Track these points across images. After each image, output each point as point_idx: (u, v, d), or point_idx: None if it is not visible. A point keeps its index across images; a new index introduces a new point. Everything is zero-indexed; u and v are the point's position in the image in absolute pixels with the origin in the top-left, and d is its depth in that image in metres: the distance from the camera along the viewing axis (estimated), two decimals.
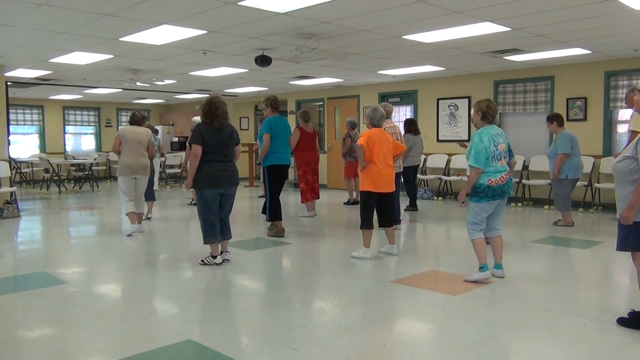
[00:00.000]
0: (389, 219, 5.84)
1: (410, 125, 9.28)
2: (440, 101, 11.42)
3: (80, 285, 4.83)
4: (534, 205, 9.87)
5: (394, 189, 5.79)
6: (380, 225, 5.86)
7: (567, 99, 9.52)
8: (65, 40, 7.18)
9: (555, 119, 7.60)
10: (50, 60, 8.86)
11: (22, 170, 14.82)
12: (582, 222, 7.98)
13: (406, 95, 12.21)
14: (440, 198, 11.00)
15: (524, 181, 9.88)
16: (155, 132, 11.68)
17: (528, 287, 4.60)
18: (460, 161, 10.63)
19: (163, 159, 13.92)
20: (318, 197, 8.77)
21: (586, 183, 8.97)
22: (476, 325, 3.67)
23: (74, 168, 14.82)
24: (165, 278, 5.21)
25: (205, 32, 6.74)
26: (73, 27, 6.46)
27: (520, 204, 9.87)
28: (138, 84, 10.86)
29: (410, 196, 9.46)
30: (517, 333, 3.52)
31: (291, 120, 13.35)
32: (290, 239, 6.85)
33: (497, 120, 6.04)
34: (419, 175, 10.29)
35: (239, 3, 5.42)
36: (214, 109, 5.23)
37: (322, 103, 14.08)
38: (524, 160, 10.02)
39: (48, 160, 13.27)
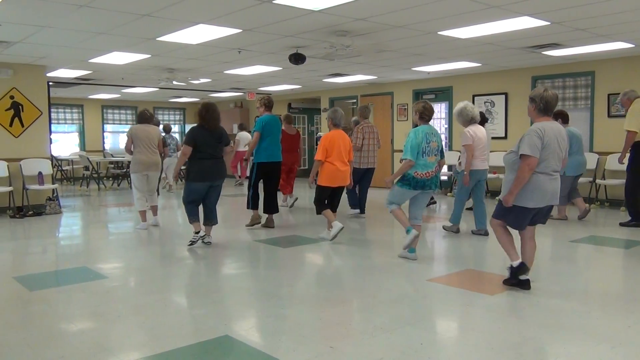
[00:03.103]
0: (335, 207, 6.75)
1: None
2: (476, 97, 11.24)
3: (120, 280, 4.94)
4: None
5: (347, 183, 6.68)
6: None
7: (609, 95, 9.25)
8: (104, 40, 7.34)
9: (559, 116, 7.46)
10: (89, 61, 9.08)
11: (63, 168, 15.23)
12: (613, 221, 7.71)
13: (441, 91, 12.07)
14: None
15: None
16: (169, 130, 12.64)
17: (568, 288, 4.50)
18: (495, 159, 10.45)
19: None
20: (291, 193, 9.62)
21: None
22: (515, 326, 3.60)
23: (112, 166, 15.16)
24: (203, 274, 5.29)
25: (240, 30, 6.79)
26: (112, 28, 6.60)
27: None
28: (174, 83, 11.03)
29: None
30: (557, 334, 3.44)
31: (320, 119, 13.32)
32: (322, 235, 6.83)
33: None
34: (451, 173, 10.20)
35: (273, 1, 5.44)
36: (210, 113, 6.04)
37: (355, 100, 14.03)
38: None
39: (88, 158, 13.61)
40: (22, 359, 3.11)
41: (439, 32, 7.04)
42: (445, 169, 11.50)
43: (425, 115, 5.39)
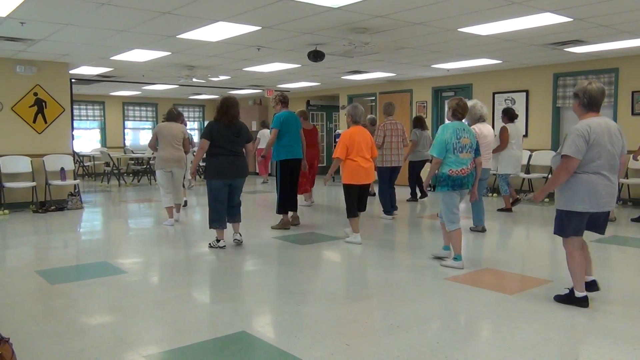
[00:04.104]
0: (363, 206, 6.52)
1: (417, 122, 10.12)
2: (496, 95, 11.12)
3: (139, 275, 5.00)
4: None
5: (372, 180, 6.41)
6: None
7: (633, 92, 9.09)
8: (126, 38, 7.41)
9: None
10: (111, 58, 9.18)
11: (85, 164, 15.44)
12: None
13: (460, 89, 11.96)
14: (495, 194, 10.72)
15: None
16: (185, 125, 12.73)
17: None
18: None
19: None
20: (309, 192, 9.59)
21: None
22: (533, 326, 3.56)
23: (133, 162, 15.32)
24: (221, 270, 5.32)
25: (260, 28, 6.81)
26: (133, 25, 6.66)
27: None
28: (194, 80, 11.11)
29: (412, 187, 10.15)
30: (576, 335, 3.40)
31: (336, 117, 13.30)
32: (340, 233, 6.84)
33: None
34: None
35: None
36: (225, 108, 5.83)
37: (374, 98, 13.98)
38: None
39: (109, 154, 13.81)
40: (44, 351, 3.17)
41: (459, 29, 6.98)
42: None
43: (458, 112, 5.23)
